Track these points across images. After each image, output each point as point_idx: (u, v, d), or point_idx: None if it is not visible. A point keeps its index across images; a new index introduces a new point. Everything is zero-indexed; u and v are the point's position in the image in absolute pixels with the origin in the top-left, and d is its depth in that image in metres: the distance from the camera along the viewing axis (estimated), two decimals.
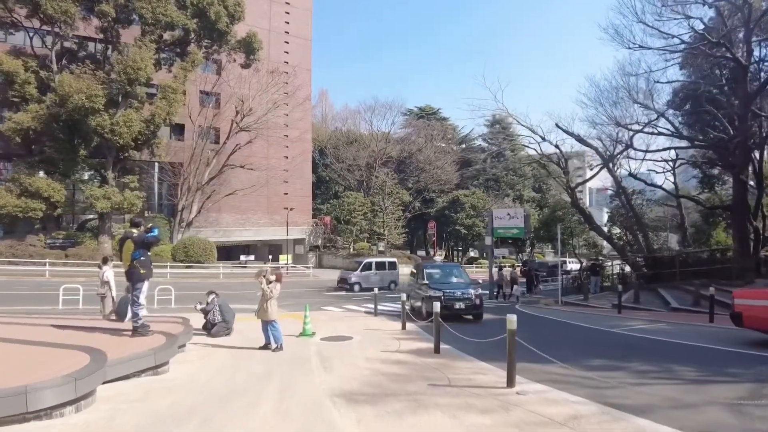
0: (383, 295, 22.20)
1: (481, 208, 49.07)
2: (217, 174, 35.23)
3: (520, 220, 23.43)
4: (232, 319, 11.62)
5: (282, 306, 19.39)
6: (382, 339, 10.54)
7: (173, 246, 31.82)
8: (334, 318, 14.65)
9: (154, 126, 29.81)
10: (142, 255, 7.02)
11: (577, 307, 18.66)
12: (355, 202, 45.07)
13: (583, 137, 25.52)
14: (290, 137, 44.89)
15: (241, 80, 35.97)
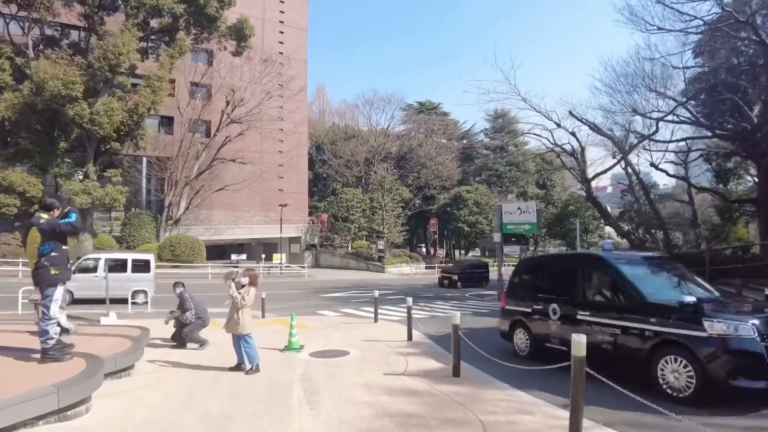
0: (384, 297, 20.28)
1: (484, 204, 47.20)
2: (206, 168, 33.25)
3: (533, 215, 21.52)
4: (208, 319, 9.76)
5: (272, 310, 17.49)
6: (385, 354, 8.60)
7: (159, 245, 29.85)
8: (329, 325, 12.71)
9: (137, 116, 27.83)
10: (55, 249, 5.04)
11: None
12: (354, 198, 43.12)
13: (599, 126, 23.60)
14: (285, 131, 42.92)
15: (233, 70, 34.06)
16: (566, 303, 7.68)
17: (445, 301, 20.56)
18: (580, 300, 7.48)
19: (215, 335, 9.91)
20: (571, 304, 7.55)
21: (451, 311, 16.53)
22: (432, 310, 17.14)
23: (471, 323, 13.35)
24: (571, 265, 8.30)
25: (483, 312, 16.67)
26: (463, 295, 24.80)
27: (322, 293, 22.73)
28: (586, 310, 7.19)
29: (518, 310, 8.95)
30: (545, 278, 8.88)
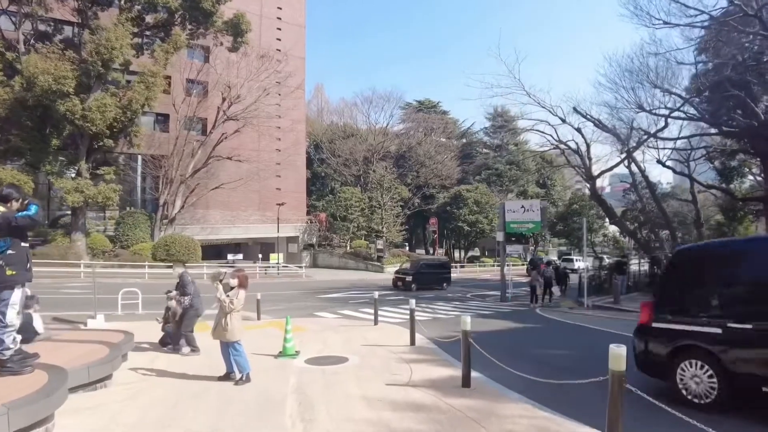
0: (383, 298, 19.68)
1: (484, 203, 46.59)
2: (202, 166, 32.58)
3: (537, 213, 20.92)
4: (202, 308, 9.19)
5: (268, 311, 16.84)
6: (387, 361, 7.99)
7: (154, 244, 29.18)
8: (327, 328, 12.09)
9: (131, 113, 27.13)
10: (11, 246, 4.38)
11: (610, 312, 16.14)
12: (352, 197, 42.46)
13: (604, 123, 23.03)
14: (283, 128, 42.27)
15: (229, 66, 33.40)
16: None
17: (446, 302, 19.97)
18: None
19: (207, 339, 9.29)
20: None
21: (454, 313, 15.98)
22: (434, 311, 16.53)
23: (476, 326, 12.76)
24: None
25: (487, 314, 16.07)
26: (465, 295, 24.21)
27: (320, 294, 22.12)
28: None
29: (689, 331, 5.78)
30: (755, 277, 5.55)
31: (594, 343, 10.24)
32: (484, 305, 19.28)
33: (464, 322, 6.59)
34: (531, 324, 13.36)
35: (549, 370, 7.47)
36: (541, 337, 11.25)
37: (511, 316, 15.20)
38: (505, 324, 13.04)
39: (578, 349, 9.72)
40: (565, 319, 14.49)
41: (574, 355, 9.07)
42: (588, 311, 16.85)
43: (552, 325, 13.38)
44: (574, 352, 9.37)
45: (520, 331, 12.27)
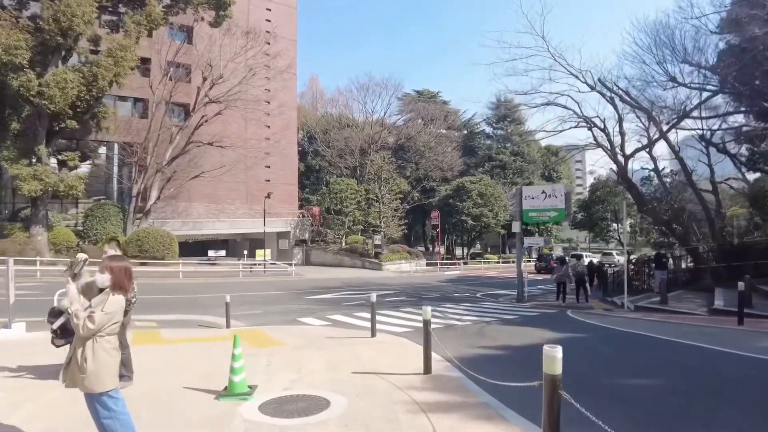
0: (382, 300, 16.70)
1: (489, 195, 43.66)
2: (180, 153, 29.48)
3: (560, 200, 17.92)
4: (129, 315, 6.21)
5: (242, 316, 13.75)
6: (392, 408, 4.97)
7: (125, 239, 26.10)
8: (309, 341, 9.09)
9: (97, 90, 24.03)
10: None
11: (660, 314, 13.16)
12: (348, 189, 39.39)
13: (633, 97, 20.07)
14: (272, 115, 39.20)
15: (212, 43, 30.23)
16: None
17: (455, 304, 17.00)
18: None
19: (141, 356, 6.31)
20: None
21: (468, 317, 13.03)
22: (444, 315, 13.53)
23: (506, 337, 9.76)
24: None
25: (511, 319, 13.06)
26: (474, 295, 21.27)
27: (309, 294, 19.11)
28: None
29: None
30: None
31: (691, 365, 7.26)
32: (501, 307, 16.31)
33: (551, 359, 3.50)
34: (575, 333, 10.39)
35: (669, 420, 4.53)
36: (604, 356, 8.23)
37: (544, 323, 12.22)
38: (541, 334, 10.07)
39: (676, 375, 6.73)
40: (611, 324, 11.50)
41: (682, 388, 6.08)
42: (630, 313, 13.89)
43: (603, 334, 10.40)
44: (675, 381, 6.37)
45: (567, 345, 9.18)
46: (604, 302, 18.56)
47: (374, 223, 40.95)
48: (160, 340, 9.63)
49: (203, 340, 9.55)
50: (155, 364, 7.11)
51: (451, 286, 25.30)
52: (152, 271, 24.38)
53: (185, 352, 8.24)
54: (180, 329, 11.26)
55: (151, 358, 7.46)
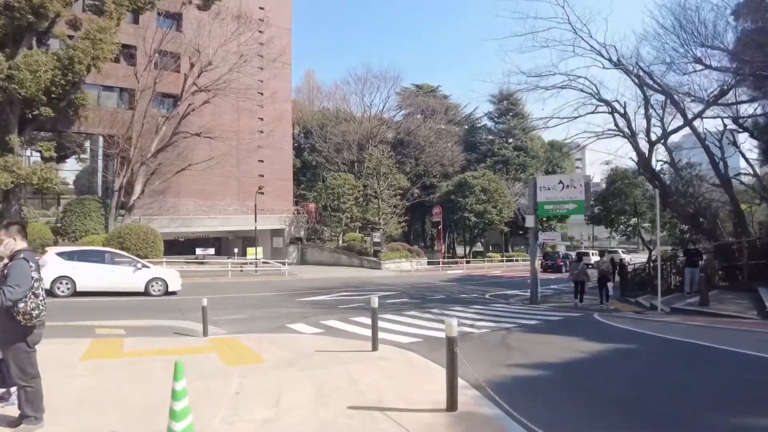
0: (382, 302, 14.96)
1: (492, 191, 41.89)
2: (166, 144, 27.62)
3: (580, 190, 16.18)
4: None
5: (224, 322, 11.94)
6: None
7: (106, 236, 24.27)
8: (295, 357, 7.34)
9: (73, 74, 22.21)
10: None
11: (705, 318, 11.39)
12: (345, 184, 37.57)
13: (656, 80, 18.34)
14: (266, 107, 37.36)
15: (201, 27, 28.38)
16: None
17: (464, 306, 15.27)
18: None
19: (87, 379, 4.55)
20: None
21: (484, 323, 11.20)
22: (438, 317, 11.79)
23: (537, 350, 7.98)
24: None
25: (533, 324, 11.28)
26: (483, 296, 19.56)
27: (303, 296, 17.34)
28: None
29: None
30: None
31: None
32: (516, 310, 14.58)
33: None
34: (618, 343, 8.66)
35: None
36: (676, 377, 6.33)
37: (573, 329, 10.49)
38: (578, 345, 8.33)
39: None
40: (654, 331, 9.73)
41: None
42: (667, 317, 12.16)
43: (653, 344, 8.61)
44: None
45: (617, 360, 7.52)
46: (626, 303, 16.88)
47: (373, 220, 39.21)
48: (118, 354, 7.88)
49: (170, 353, 7.81)
50: (92, 392, 5.38)
51: (455, 286, 23.60)
52: None
53: (141, 371, 6.51)
54: (149, 338, 9.53)
55: (91, 382, 5.76)
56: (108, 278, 15.20)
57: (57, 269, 14.34)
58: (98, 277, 15.01)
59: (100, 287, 14.98)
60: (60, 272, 14.36)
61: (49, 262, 14.12)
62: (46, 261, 14.14)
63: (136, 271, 15.72)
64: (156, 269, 16.74)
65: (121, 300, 14.96)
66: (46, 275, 13.64)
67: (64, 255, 15.03)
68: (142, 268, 15.89)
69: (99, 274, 15.07)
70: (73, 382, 5.94)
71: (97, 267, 15.21)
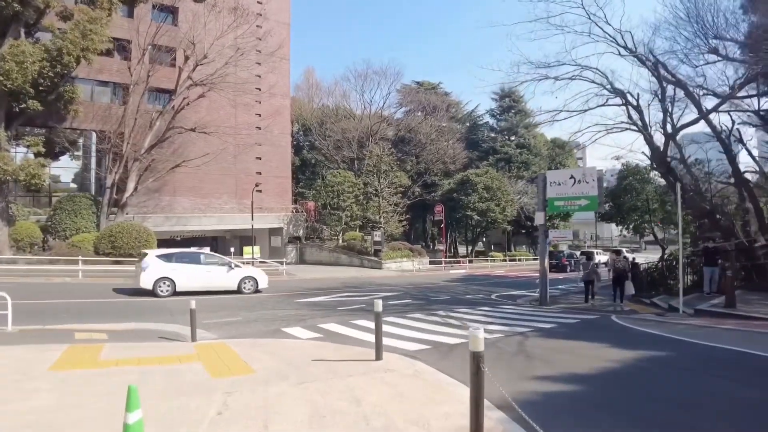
0: (385, 302, 14.10)
1: (496, 189, 40.99)
2: (160, 139, 26.74)
3: (592, 185, 15.32)
4: None
5: (215, 326, 11.12)
6: None
7: (97, 235, 23.42)
8: (289, 367, 6.50)
9: (61, 66, 21.30)
10: None
11: (731, 320, 10.53)
12: (345, 182, 36.69)
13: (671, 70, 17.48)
14: (263, 103, 36.49)
15: (196, 20, 27.50)
16: None
17: (470, 308, 14.43)
18: None
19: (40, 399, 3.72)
20: None
21: (495, 327, 10.27)
22: (463, 324, 10.94)
23: (560, 359, 7.12)
24: None
25: (549, 328, 10.42)
26: (489, 296, 18.73)
27: (300, 297, 16.47)
28: None
29: None
30: None
31: None
32: (527, 312, 13.72)
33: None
34: (649, 350, 7.80)
35: None
36: (740, 397, 5.56)
37: (594, 334, 9.65)
38: (605, 352, 7.48)
39: None
40: (685, 336, 8.87)
41: None
42: (692, 319, 11.30)
43: (691, 352, 7.72)
44: None
45: (650, 369, 6.67)
46: (640, 304, 16.06)
47: (373, 218, 38.33)
48: (93, 362, 7.06)
49: (150, 363, 7.00)
50: (47, 414, 4.54)
51: (459, 287, 22.75)
52: (126, 270, 21.63)
53: (111, 385, 5.68)
54: (131, 343, 8.71)
55: (51, 399, 4.95)
56: (205, 278, 15.92)
57: (159, 271, 15.05)
58: (196, 278, 15.71)
59: (198, 287, 15.56)
60: (161, 274, 15.02)
61: (150, 265, 14.97)
62: (147, 263, 14.97)
63: (229, 270, 16.56)
64: (247, 269, 17.61)
65: (108, 301, 14.17)
66: (149, 277, 14.80)
67: (164, 257, 15.63)
68: (234, 267, 16.80)
69: (196, 274, 15.80)
70: (30, 399, 5.11)
71: (194, 268, 15.94)
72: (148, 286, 14.83)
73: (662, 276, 19.47)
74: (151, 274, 14.87)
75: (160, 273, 15.03)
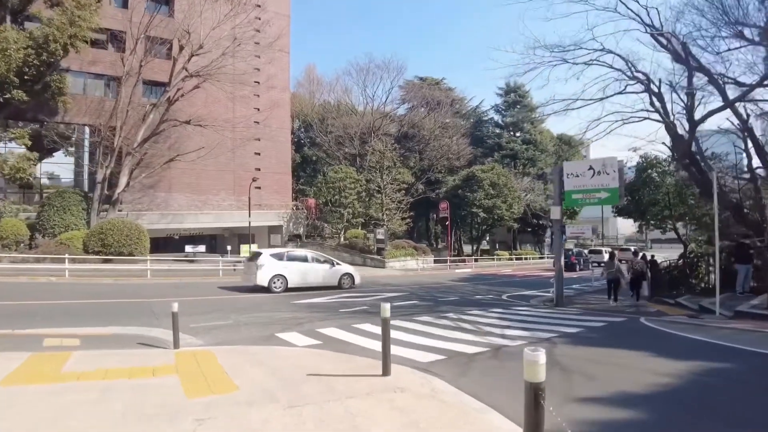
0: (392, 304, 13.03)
1: (502, 185, 39.79)
2: (154, 132, 25.64)
3: (613, 177, 14.16)
4: None
5: (203, 330, 9.96)
6: None
7: (87, 232, 22.36)
8: (279, 383, 5.40)
9: (48, 54, 20.24)
10: None
11: None
12: (347, 178, 35.54)
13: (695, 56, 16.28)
14: (263, 97, 35.38)
15: (192, 9, 26.36)
16: None
17: (483, 310, 13.29)
18: None
19: None
20: None
21: (515, 332, 8.96)
22: (478, 328, 9.81)
23: (602, 373, 5.97)
24: None
25: (573, 332, 9.27)
26: (499, 297, 17.60)
27: (298, 298, 15.34)
28: None
29: None
30: None
31: None
32: (545, 315, 12.59)
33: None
34: (703, 361, 6.66)
35: None
36: None
37: (630, 340, 8.52)
38: (650, 363, 6.38)
39: None
40: (737, 342, 7.69)
41: None
42: (734, 322, 10.15)
43: (755, 362, 6.62)
44: None
45: (717, 386, 5.53)
46: (664, 304, 14.93)
47: (376, 215, 37.20)
48: (53, 375, 5.99)
49: (119, 376, 5.92)
50: None
51: (467, 286, 21.62)
52: (116, 269, 20.66)
53: (65, 406, 4.63)
54: (104, 351, 7.62)
55: None
56: (312, 275, 17.36)
57: (273, 269, 16.36)
58: (305, 274, 17.15)
59: (305, 283, 17.04)
60: (275, 271, 16.33)
61: (266, 263, 16.32)
62: (263, 262, 16.31)
63: (331, 268, 18.02)
64: (345, 266, 19.14)
65: (89, 303, 13.09)
66: (264, 274, 16.05)
67: (276, 256, 16.95)
68: (336, 265, 18.31)
69: (304, 272, 17.20)
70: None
71: (302, 266, 17.33)
72: (264, 283, 16.03)
73: (683, 274, 18.32)
74: (266, 272, 16.11)
75: (274, 271, 16.29)
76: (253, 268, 16.40)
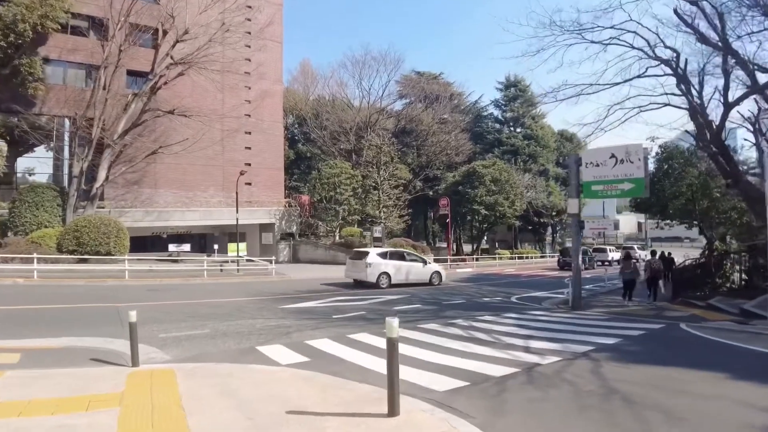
0: (390, 308, 11.50)
1: (504, 181, 38.29)
2: (135, 124, 23.95)
3: (638, 165, 12.66)
4: None
5: (173, 342, 8.02)
6: None
7: (61, 230, 20.70)
8: (247, 426, 3.82)
9: (16, 35, 18.58)
10: None
11: None
12: (342, 174, 33.95)
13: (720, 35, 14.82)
14: (254, 89, 33.72)
15: None
16: None
17: (495, 314, 11.80)
18: None
19: None
20: None
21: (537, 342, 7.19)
22: (496, 339, 8.31)
23: (693, 412, 4.41)
24: None
25: (612, 344, 7.75)
26: (508, 299, 16.13)
27: (288, 302, 13.79)
28: None
29: None
30: None
31: None
32: (567, 320, 11.10)
33: None
34: None
35: None
36: None
37: (687, 355, 7.05)
38: (737, 390, 4.98)
39: None
40: None
41: None
42: None
43: None
44: None
45: None
46: (689, 306, 13.55)
47: (373, 213, 35.63)
48: None
49: (39, 412, 4.49)
50: None
51: (472, 288, 20.13)
52: (91, 270, 18.97)
53: None
54: (45, 370, 6.12)
55: None
56: (410, 273, 18.83)
57: (380, 267, 17.84)
58: (404, 272, 18.63)
59: (404, 280, 18.54)
60: (382, 269, 17.81)
61: (374, 262, 17.78)
62: (372, 261, 17.75)
63: (424, 266, 19.59)
64: (434, 265, 20.84)
65: (50, 307, 11.49)
66: (373, 272, 17.55)
67: (381, 255, 18.46)
68: (427, 264, 19.91)
69: (403, 269, 18.68)
70: None
71: (402, 264, 18.82)
72: (373, 279, 17.52)
73: (706, 273, 16.91)
74: (375, 270, 17.58)
75: (381, 269, 17.75)
76: (361, 266, 17.79)
